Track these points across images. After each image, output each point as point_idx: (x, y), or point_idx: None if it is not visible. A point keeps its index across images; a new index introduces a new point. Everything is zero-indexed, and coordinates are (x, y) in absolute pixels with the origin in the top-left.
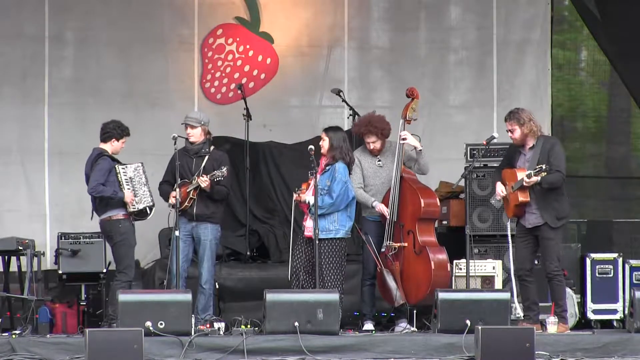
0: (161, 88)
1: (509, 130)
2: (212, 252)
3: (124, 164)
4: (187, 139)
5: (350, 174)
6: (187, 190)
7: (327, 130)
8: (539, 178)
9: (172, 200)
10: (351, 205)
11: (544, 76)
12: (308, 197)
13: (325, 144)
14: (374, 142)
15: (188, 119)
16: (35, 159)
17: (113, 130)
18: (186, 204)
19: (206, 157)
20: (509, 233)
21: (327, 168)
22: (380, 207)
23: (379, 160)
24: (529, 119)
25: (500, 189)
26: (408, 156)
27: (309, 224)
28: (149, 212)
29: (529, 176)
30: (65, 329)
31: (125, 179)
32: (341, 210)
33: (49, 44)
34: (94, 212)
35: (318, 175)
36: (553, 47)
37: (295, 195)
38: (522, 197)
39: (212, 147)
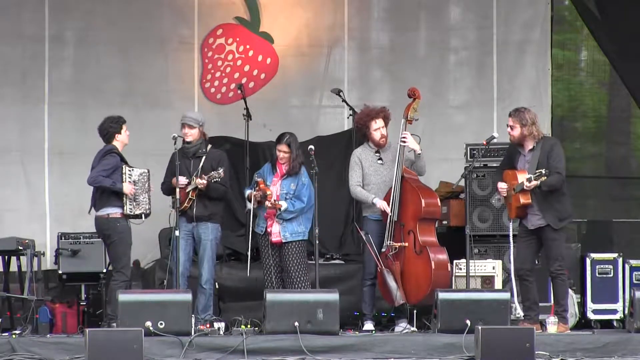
0: (161, 88)
1: (510, 126)
2: (213, 252)
3: (132, 167)
4: (183, 139)
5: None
6: (187, 191)
7: (283, 139)
8: (538, 182)
9: (174, 182)
10: (311, 209)
11: (544, 76)
12: (283, 201)
13: (286, 155)
14: (383, 127)
15: (187, 119)
16: (35, 159)
17: (110, 128)
18: (185, 204)
19: (204, 157)
20: (510, 233)
21: (287, 173)
22: (381, 204)
23: (380, 159)
24: (532, 122)
25: (501, 186)
26: (406, 157)
27: (275, 229)
28: (143, 218)
29: (529, 180)
30: (65, 329)
31: (130, 181)
32: (305, 213)
33: (49, 44)
34: (93, 207)
35: (280, 180)
36: (553, 47)
37: (253, 191)
38: (524, 200)
39: (209, 147)
